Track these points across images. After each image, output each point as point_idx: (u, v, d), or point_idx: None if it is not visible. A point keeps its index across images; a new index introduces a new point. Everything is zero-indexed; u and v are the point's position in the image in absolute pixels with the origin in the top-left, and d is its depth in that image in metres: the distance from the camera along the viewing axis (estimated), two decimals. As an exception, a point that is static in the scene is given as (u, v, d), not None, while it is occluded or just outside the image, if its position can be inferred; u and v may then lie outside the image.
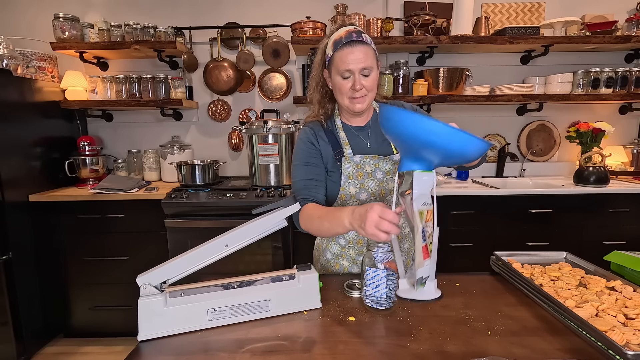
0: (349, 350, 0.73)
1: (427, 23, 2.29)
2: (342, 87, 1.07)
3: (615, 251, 1.04)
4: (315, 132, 1.17)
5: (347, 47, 1.04)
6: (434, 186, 0.78)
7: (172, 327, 0.80)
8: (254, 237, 0.89)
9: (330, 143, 1.16)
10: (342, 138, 1.16)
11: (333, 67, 1.07)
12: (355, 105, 1.08)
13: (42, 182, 2.22)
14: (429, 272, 0.76)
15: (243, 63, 2.47)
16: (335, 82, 1.08)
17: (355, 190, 1.13)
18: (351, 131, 1.18)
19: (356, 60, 1.03)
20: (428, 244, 0.76)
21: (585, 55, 2.57)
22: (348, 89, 1.07)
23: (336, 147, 1.15)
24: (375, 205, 0.81)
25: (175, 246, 2.09)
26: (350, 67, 1.03)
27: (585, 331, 0.73)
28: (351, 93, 1.07)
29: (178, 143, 2.55)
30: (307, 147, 1.16)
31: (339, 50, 1.04)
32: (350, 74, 1.05)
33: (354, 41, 1.04)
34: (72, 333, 2.29)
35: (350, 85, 1.06)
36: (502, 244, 2.12)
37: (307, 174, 1.13)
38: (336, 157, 1.14)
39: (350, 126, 1.19)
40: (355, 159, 1.13)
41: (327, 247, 1.21)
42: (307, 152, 1.15)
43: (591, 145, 2.39)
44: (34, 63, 2.33)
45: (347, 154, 1.14)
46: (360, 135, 1.18)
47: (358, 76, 1.04)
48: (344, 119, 1.20)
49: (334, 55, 1.06)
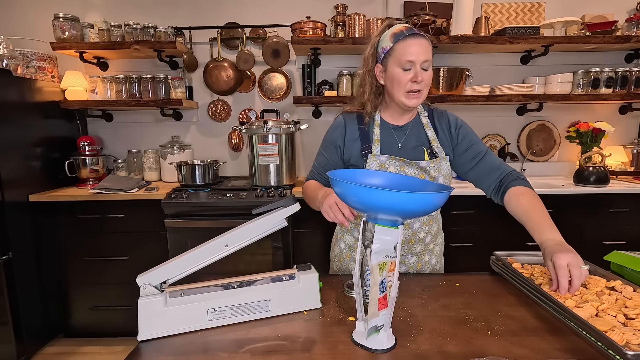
0: (349, 350, 0.73)
1: (427, 23, 2.29)
2: (401, 79, 1.04)
3: (615, 251, 1.04)
4: (346, 125, 1.18)
5: (411, 39, 1.03)
6: (398, 241, 0.71)
7: (172, 327, 0.80)
8: (254, 237, 0.89)
9: (361, 138, 1.15)
10: (375, 134, 1.14)
11: (392, 58, 1.05)
12: (410, 100, 1.07)
13: (42, 182, 2.22)
14: (384, 322, 0.73)
15: (243, 63, 2.47)
16: (394, 74, 1.06)
17: None
18: (388, 129, 1.16)
19: (419, 51, 1.02)
20: (387, 294, 0.73)
21: (585, 55, 2.57)
22: (407, 81, 1.04)
23: (365, 142, 1.14)
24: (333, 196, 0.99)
25: (175, 246, 2.09)
26: (412, 58, 1.02)
27: (585, 331, 0.73)
28: (410, 86, 1.05)
29: (178, 143, 2.55)
30: (329, 137, 1.21)
31: (402, 41, 1.03)
32: (412, 66, 1.03)
33: (416, 34, 1.03)
34: (72, 333, 2.29)
35: (411, 77, 1.03)
36: (502, 244, 2.10)
37: (319, 161, 1.24)
38: (363, 152, 1.14)
39: (389, 124, 1.17)
40: (382, 157, 1.11)
41: (342, 237, 1.24)
42: (327, 143, 1.21)
43: (591, 145, 2.39)
44: (34, 63, 2.33)
45: (375, 152, 1.12)
46: (396, 135, 1.16)
47: (419, 68, 1.03)
48: (386, 115, 1.18)
49: (394, 47, 1.04)
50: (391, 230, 0.71)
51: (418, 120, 1.18)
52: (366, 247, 0.74)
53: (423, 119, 1.18)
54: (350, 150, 1.17)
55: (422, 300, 0.93)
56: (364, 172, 0.89)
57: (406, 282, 1.04)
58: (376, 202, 0.66)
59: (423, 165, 1.11)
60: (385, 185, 0.85)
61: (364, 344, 0.73)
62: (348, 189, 0.70)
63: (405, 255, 1.19)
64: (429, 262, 1.22)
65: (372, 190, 0.66)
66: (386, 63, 1.07)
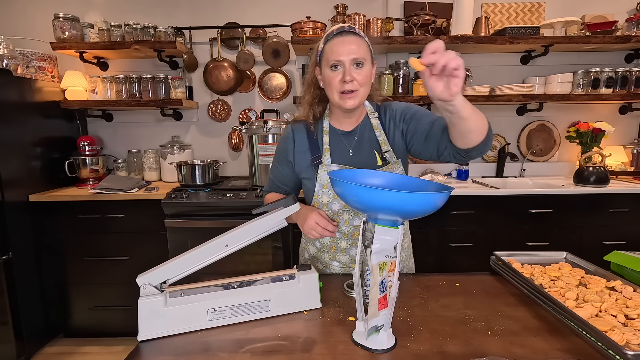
0: (349, 350, 0.73)
1: (427, 23, 2.29)
2: (331, 79, 1.01)
3: (615, 251, 1.04)
4: (294, 135, 1.14)
5: (338, 37, 1.00)
6: (398, 241, 0.71)
7: (172, 327, 0.80)
8: (254, 237, 0.89)
9: (310, 148, 1.11)
10: (325, 143, 1.11)
11: (324, 60, 1.03)
12: (346, 102, 1.01)
13: (42, 182, 2.22)
14: (384, 322, 0.73)
15: (243, 63, 2.47)
16: (325, 75, 1.03)
17: (328, 200, 1.09)
18: (337, 135, 1.12)
19: (347, 50, 0.97)
20: (387, 294, 0.73)
21: (585, 55, 2.57)
22: (338, 82, 1.00)
23: (315, 152, 1.11)
24: (314, 214, 1.03)
25: (175, 246, 2.09)
26: (340, 57, 0.98)
27: (586, 331, 0.73)
28: (341, 86, 1.00)
29: (178, 143, 2.55)
30: (280, 151, 1.18)
31: (330, 41, 1.01)
32: (340, 65, 0.99)
33: (345, 32, 1.00)
34: (72, 333, 2.29)
35: (340, 77, 0.99)
36: (502, 244, 2.12)
37: (274, 174, 1.22)
38: (313, 162, 1.10)
39: (338, 130, 1.13)
40: (333, 167, 1.08)
41: (306, 247, 1.23)
42: (279, 156, 1.19)
43: (591, 145, 2.39)
44: (34, 63, 2.33)
45: (325, 162, 1.08)
46: (345, 141, 1.12)
47: (349, 67, 0.98)
48: (334, 121, 1.14)
49: (324, 48, 1.02)
50: (391, 230, 0.71)
51: (367, 123, 1.13)
52: (366, 247, 0.74)
53: (373, 120, 1.13)
54: (300, 162, 1.13)
55: (422, 300, 0.93)
56: (364, 172, 0.89)
57: (406, 282, 1.04)
58: (376, 202, 0.66)
59: None
60: (385, 185, 0.85)
61: (364, 344, 0.73)
62: (348, 189, 0.70)
63: None
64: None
65: (372, 190, 0.66)
66: (321, 66, 1.05)
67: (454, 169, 2.61)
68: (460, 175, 2.52)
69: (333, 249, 1.15)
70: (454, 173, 2.58)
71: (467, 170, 2.51)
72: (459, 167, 2.54)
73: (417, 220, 0.84)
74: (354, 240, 1.13)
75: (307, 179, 1.13)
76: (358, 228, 1.11)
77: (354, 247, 1.13)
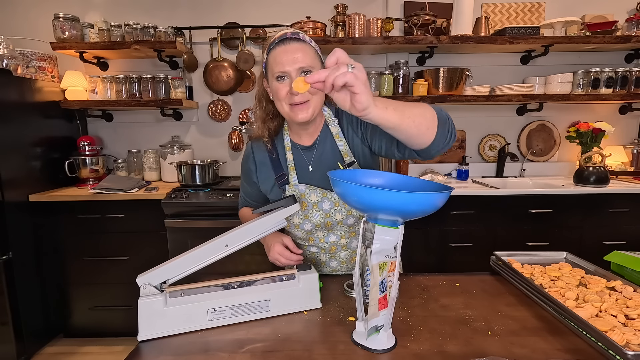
0: (349, 350, 0.73)
1: (427, 23, 2.29)
2: (278, 91, 0.93)
3: (615, 251, 1.04)
4: (254, 155, 1.09)
5: (280, 46, 0.92)
6: (398, 241, 0.71)
7: (172, 327, 0.80)
8: (254, 237, 0.90)
9: (273, 167, 1.05)
10: (289, 161, 1.04)
11: (269, 72, 0.95)
12: (297, 115, 0.93)
13: (42, 182, 2.22)
14: (384, 322, 0.73)
15: (243, 63, 2.47)
16: (273, 88, 0.95)
17: (299, 221, 1.05)
18: (298, 150, 1.05)
19: (292, 59, 0.90)
20: (387, 294, 0.73)
21: (585, 55, 2.57)
22: (285, 94, 0.93)
23: (279, 171, 1.05)
24: (276, 246, 1.01)
25: (175, 246, 2.09)
26: (285, 68, 0.90)
27: (586, 331, 0.73)
28: (289, 98, 0.93)
29: (178, 143, 2.55)
30: (244, 169, 1.15)
31: (272, 51, 0.93)
32: (287, 76, 0.92)
33: (287, 39, 0.92)
34: (72, 333, 2.29)
35: (287, 89, 0.92)
36: (502, 244, 2.12)
37: (244, 191, 1.20)
38: (278, 182, 1.05)
39: (298, 145, 1.05)
40: (300, 187, 1.02)
41: None
42: (244, 173, 1.15)
43: (591, 145, 2.39)
44: (34, 63, 2.33)
45: (292, 181, 1.03)
46: (305, 157, 1.05)
47: (296, 77, 0.90)
48: (293, 135, 1.06)
49: (267, 59, 0.94)
50: (391, 230, 0.71)
51: (328, 132, 1.04)
52: (366, 247, 0.74)
53: (333, 128, 1.04)
54: (264, 182, 1.08)
55: (422, 300, 0.93)
56: (364, 172, 0.89)
57: (406, 282, 1.04)
58: (376, 202, 0.66)
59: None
60: (385, 185, 0.85)
61: (364, 344, 0.73)
62: (348, 189, 0.70)
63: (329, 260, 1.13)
64: None
65: (372, 190, 0.66)
66: (268, 77, 0.97)
67: (454, 169, 2.61)
68: (460, 175, 2.52)
69: (313, 262, 1.14)
70: (454, 173, 2.58)
71: (467, 170, 2.51)
72: (459, 167, 2.54)
73: (417, 220, 0.84)
74: (332, 254, 1.11)
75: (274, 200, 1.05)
76: (335, 243, 1.09)
77: (334, 259, 1.13)
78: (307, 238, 1.10)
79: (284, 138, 1.07)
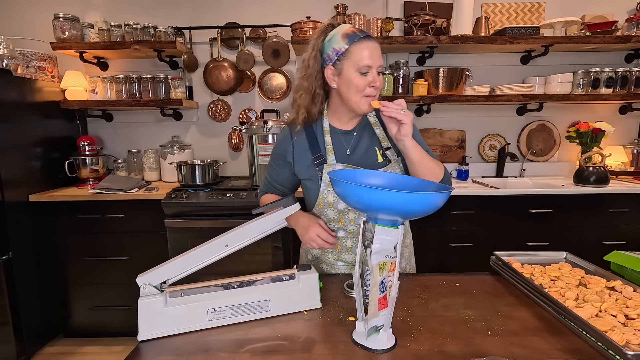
0: (349, 350, 0.73)
1: (427, 23, 2.29)
2: (359, 83, 0.99)
3: (615, 251, 1.04)
4: (292, 136, 1.12)
5: (368, 41, 0.99)
6: (398, 241, 0.71)
7: (172, 327, 0.80)
8: (254, 237, 0.90)
9: (311, 148, 1.10)
10: (327, 143, 1.10)
11: (348, 61, 0.99)
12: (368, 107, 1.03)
13: (42, 182, 2.22)
14: (384, 322, 0.73)
15: (243, 63, 2.47)
16: (351, 78, 0.99)
17: (333, 199, 1.09)
18: (336, 134, 1.12)
19: (377, 56, 0.99)
20: (387, 294, 0.73)
21: (585, 55, 2.57)
22: (365, 86, 0.99)
23: (316, 152, 1.09)
24: (315, 227, 1.04)
25: (175, 246, 2.09)
26: (370, 62, 0.98)
27: (585, 331, 0.73)
28: (368, 91, 1.00)
29: (178, 143, 2.55)
30: (278, 152, 1.17)
31: (358, 43, 0.98)
32: (369, 70, 0.99)
33: (370, 36, 1.00)
34: (72, 333, 2.29)
35: (369, 81, 0.99)
36: (502, 244, 2.12)
37: (271, 175, 1.22)
38: (315, 162, 1.09)
39: (337, 129, 1.12)
40: (338, 167, 1.07)
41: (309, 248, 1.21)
42: (277, 156, 1.18)
43: (591, 145, 2.39)
44: (34, 63, 2.33)
45: (330, 161, 1.08)
46: (344, 140, 1.11)
47: (375, 73, 0.99)
48: (333, 120, 1.13)
49: (350, 49, 0.98)
50: (391, 230, 0.71)
51: (366, 121, 1.14)
52: (366, 247, 0.74)
53: (370, 118, 1.15)
54: (300, 163, 1.12)
55: (422, 300, 0.93)
56: (364, 172, 0.89)
57: (406, 282, 1.04)
58: (376, 202, 0.66)
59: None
60: (385, 185, 0.85)
61: (364, 344, 0.73)
62: (348, 189, 0.70)
63: None
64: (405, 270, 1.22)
65: (372, 190, 0.66)
66: (340, 66, 1.00)
67: (454, 169, 2.61)
68: (460, 175, 2.52)
69: (338, 249, 1.14)
70: (454, 173, 2.58)
71: (467, 170, 2.51)
72: (458, 167, 2.54)
73: (417, 220, 0.84)
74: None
75: (309, 179, 1.11)
76: None
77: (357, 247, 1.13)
78: (338, 219, 1.11)
79: (323, 122, 1.13)
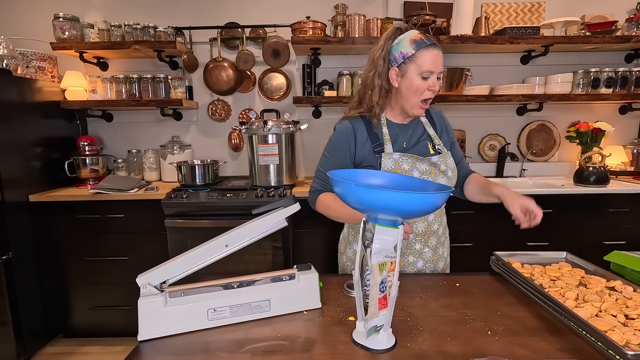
0: (349, 350, 0.73)
1: (427, 23, 2.29)
2: (420, 86, 1.09)
3: (615, 251, 1.04)
4: (354, 128, 1.19)
5: (433, 49, 1.07)
6: (398, 241, 0.71)
7: (172, 327, 0.80)
8: (254, 237, 0.89)
9: (371, 138, 1.18)
10: (385, 134, 1.18)
11: (413, 65, 1.08)
12: (421, 111, 1.13)
13: (42, 182, 2.22)
14: (384, 322, 0.73)
15: (243, 63, 2.47)
16: (414, 81, 1.09)
17: None
18: (393, 127, 1.21)
19: (439, 63, 1.08)
20: (387, 294, 0.73)
21: (585, 55, 2.57)
22: (424, 89, 1.09)
23: (376, 141, 1.17)
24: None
25: (175, 246, 2.09)
26: (433, 68, 1.07)
27: (585, 331, 0.73)
28: (427, 94, 1.10)
29: (178, 143, 2.55)
30: (339, 143, 1.20)
31: (424, 50, 1.07)
32: (430, 75, 1.08)
33: (435, 44, 1.09)
34: (72, 333, 2.29)
35: (429, 85, 1.09)
36: (502, 244, 2.12)
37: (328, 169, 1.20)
38: (376, 150, 1.17)
39: (394, 123, 1.22)
40: (395, 155, 1.15)
41: (355, 239, 1.25)
42: (337, 148, 1.20)
43: (591, 145, 2.39)
44: (34, 63, 2.33)
45: (387, 150, 1.16)
46: (401, 133, 1.21)
47: (435, 78, 1.09)
48: (390, 116, 1.22)
49: (416, 54, 1.07)
50: (391, 230, 0.71)
51: (418, 120, 1.24)
52: (366, 247, 0.74)
53: (422, 118, 1.25)
54: (361, 152, 1.19)
55: (422, 300, 0.93)
56: (363, 172, 0.89)
57: (406, 282, 1.04)
58: (376, 202, 0.66)
59: (434, 160, 1.16)
60: (385, 185, 0.85)
61: (364, 344, 0.73)
62: (348, 189, 0.70)
63: (422, 248, 1.19)
64: (443, 255, 1.24)
65: (372, 190, 0.66)
66: (405, 68, 1.10)
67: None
68: (460, 175, 2.52)
69: (408, 252, 1.18)
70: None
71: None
72: (459, 167, 2.54)
73: (417, 220, 0.84)
74: (426, 240, 1.18)
75: (369, 166, 1.17)
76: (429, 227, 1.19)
77: (420, 259, 1.18)
78: None
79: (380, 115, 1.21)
